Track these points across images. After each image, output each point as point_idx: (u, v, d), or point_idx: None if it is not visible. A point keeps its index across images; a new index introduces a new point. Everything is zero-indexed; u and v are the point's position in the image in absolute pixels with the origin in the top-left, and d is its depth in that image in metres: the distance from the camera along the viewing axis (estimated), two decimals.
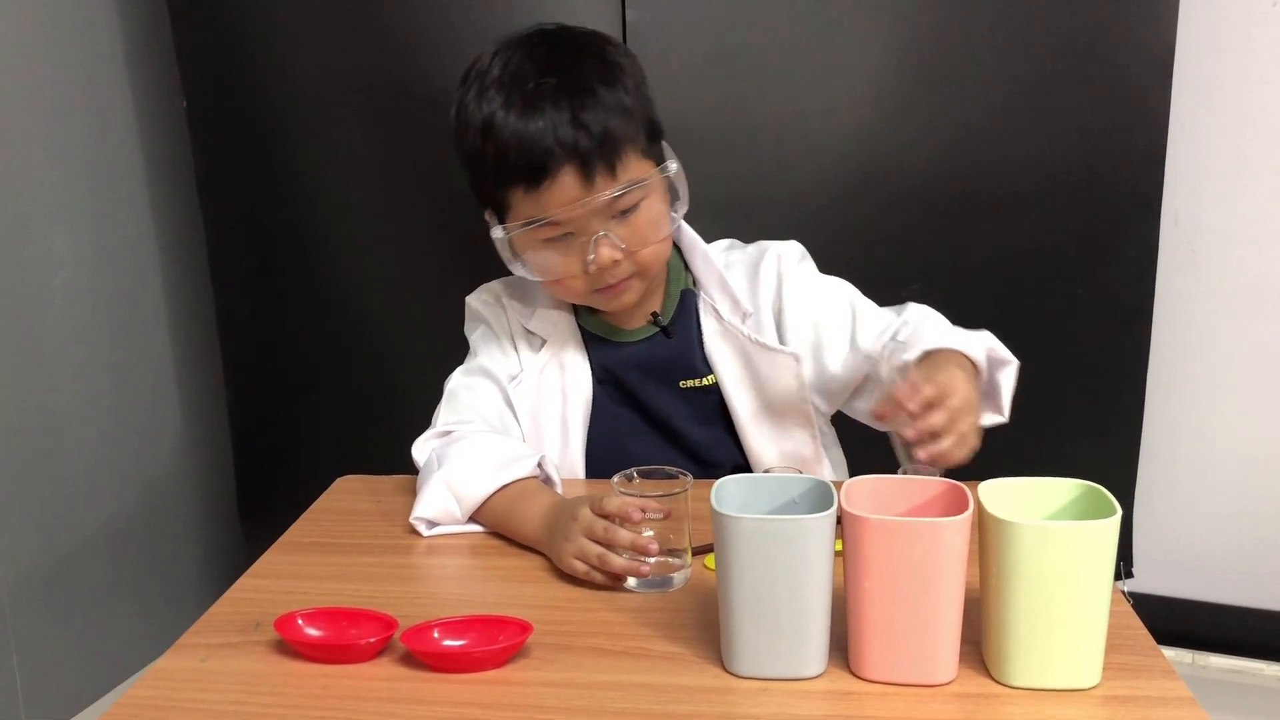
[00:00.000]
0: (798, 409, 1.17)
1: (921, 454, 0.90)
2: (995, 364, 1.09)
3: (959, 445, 0.92)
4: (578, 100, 1.05)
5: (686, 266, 1.22)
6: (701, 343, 1.19)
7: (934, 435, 0.90)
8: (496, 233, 1.11)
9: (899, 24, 1.55)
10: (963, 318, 1.61)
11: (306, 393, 1.81)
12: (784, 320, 1.18)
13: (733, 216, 1.36)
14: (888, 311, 1.18)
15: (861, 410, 1.17)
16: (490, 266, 1.32)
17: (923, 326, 1.12)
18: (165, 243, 1.87)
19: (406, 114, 1.63)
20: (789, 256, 1.20)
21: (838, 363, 1.15)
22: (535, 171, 1.05)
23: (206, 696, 0.79)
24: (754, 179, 1.61)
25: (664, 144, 1.13)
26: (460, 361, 1.24)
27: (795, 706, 0.75)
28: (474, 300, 1.26)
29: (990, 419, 1.09)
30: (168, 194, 1.86)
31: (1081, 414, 1.66)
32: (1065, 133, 1.57)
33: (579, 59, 1.09)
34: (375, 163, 1.66)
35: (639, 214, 1.09)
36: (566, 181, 1.05)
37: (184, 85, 1.72)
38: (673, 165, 1.11)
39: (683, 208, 1.13)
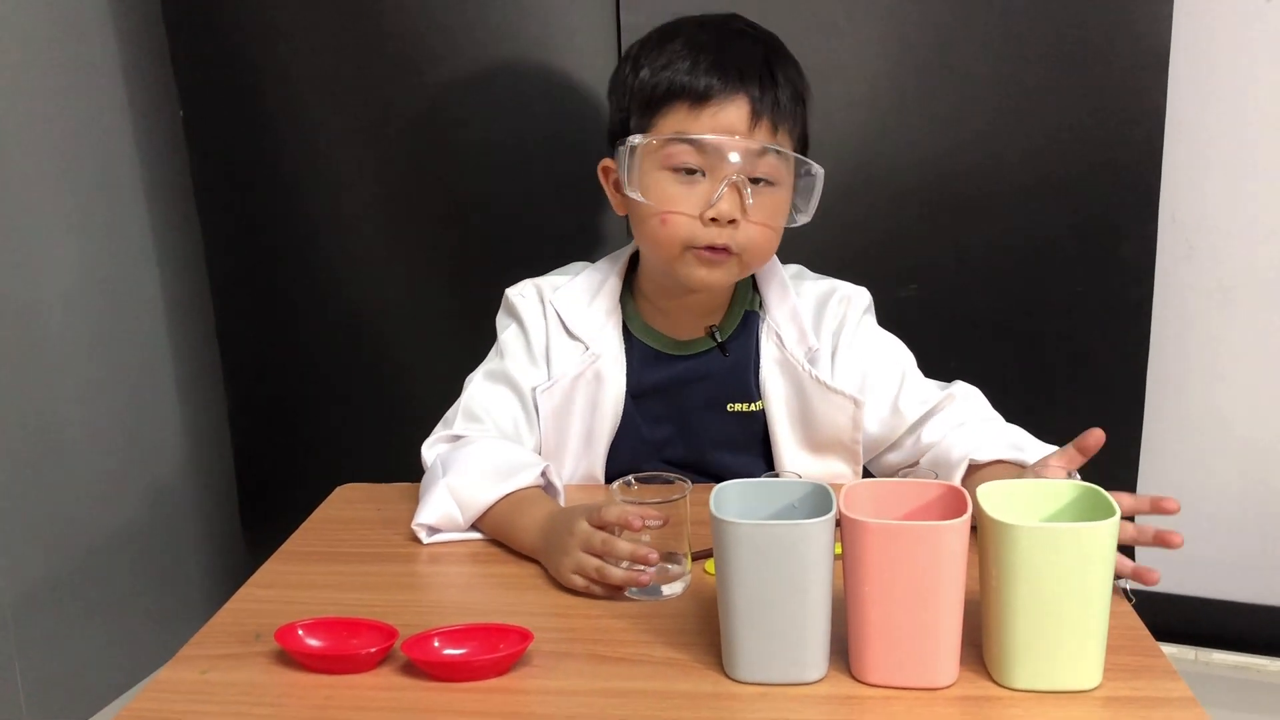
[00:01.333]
0: (846, 447, 1.16)
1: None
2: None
3: None
4: (774, 56, 1.09)
5: (755, 289, 1.20)
6: (757, 368, 1.17)
7: None
8: (635, 139, 1.08)
9: (895, 24, 1.55)
10: (962, 317, 1.62)
11: (307, 401, 1.81)
12: (835, 363, 1.17)
13: None
14: (934, 385, 1.17)
15: (887, 464, 1.17)
16: (491, 272, 1.31)
17: (979, 425, 1.10)
18: (164, 252, 1.87)
19: (403, 120, 1.63)
20: (857, 303, 1.19)
21: (875, 421, 1.15)
22: (709, 90, 1.05)
23: (208, 709, 0.79)
24: None
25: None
26: (462, 364, 1.22)
27: (796, 711, 0.75)
28: (513, 294, 1.21)
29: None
30: (166, 203, 1.86)
31: (1082, 411, 1.66)
32: (1063, 130, 1.56)
33: (777, 40, 1.13)
34: (372, 170, 1.66)
35: (769, 192, 1.09)
36: (733, 111, 1.06)
37: (180, 94, 1.72)
38: (819, 168, 1.11)
39: (803, 219, 1.12)
